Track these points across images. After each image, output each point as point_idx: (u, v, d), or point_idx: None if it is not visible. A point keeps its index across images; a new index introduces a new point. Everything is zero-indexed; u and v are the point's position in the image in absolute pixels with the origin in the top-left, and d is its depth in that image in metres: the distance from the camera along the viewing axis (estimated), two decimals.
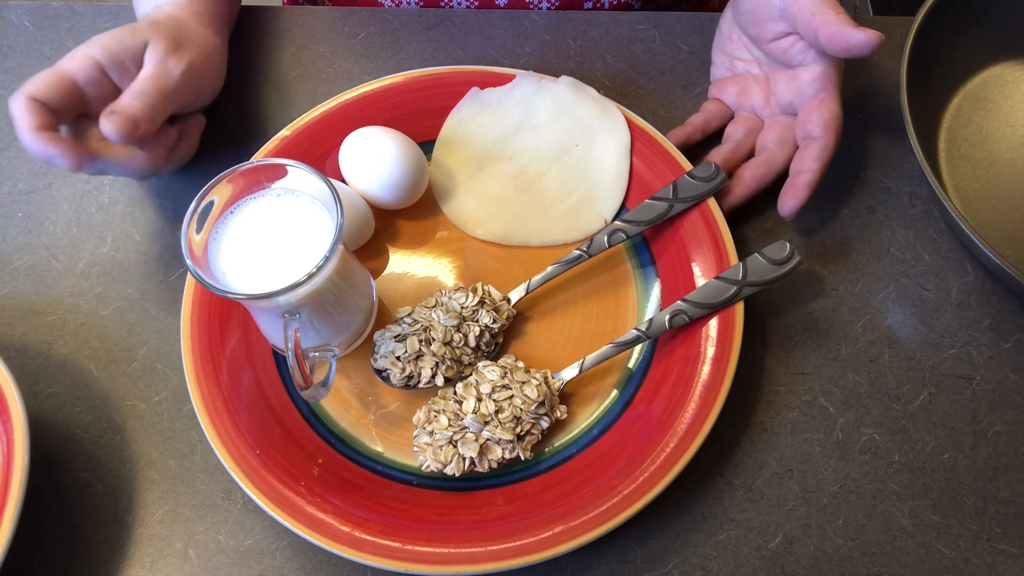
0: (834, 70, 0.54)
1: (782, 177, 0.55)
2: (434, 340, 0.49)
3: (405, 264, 0.56)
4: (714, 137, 0.59)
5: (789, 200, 0.53)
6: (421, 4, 0.68)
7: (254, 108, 0.61)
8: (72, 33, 0.65)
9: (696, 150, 0.59)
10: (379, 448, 0.50)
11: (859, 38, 0.49)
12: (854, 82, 0.62)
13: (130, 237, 0.57)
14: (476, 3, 0.67)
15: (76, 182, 0.59)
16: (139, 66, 0.52)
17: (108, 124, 0.48)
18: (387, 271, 0.56)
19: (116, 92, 0.51)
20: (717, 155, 0.56)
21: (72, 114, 0.50)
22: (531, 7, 0.67)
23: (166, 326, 0.54)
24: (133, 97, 0.49)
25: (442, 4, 0.67)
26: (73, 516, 0.49)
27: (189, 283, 0.52)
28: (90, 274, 0.56)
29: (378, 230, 0.56)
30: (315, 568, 0.47)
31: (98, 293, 0.55)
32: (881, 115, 0.61)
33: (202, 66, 0.54)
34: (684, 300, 0.50)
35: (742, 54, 0.58)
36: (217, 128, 0.61)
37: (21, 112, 0.48)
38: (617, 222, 0.54)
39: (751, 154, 0.57)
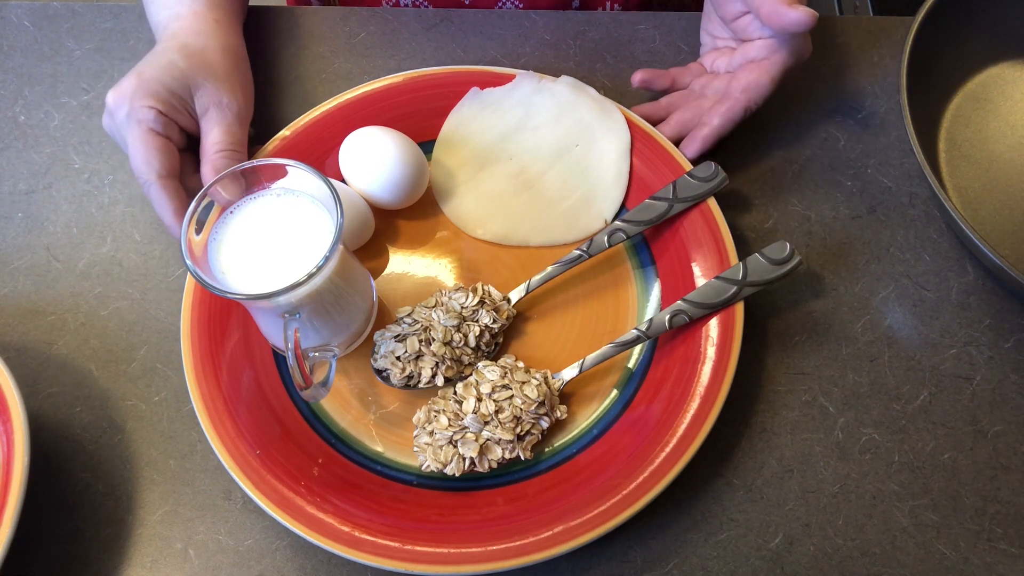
0: (784, 44, 0.55)
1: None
2: (434, 340, 0.49)
3: (405, 264, 0.56)
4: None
5: (686, 148, 0.56)
6: (430, 5, 0.68)
7: (254, 108, 0.61)
8: (72, 33, 0.65)
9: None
10: (379, 448, 0.50)
11: (792, 17, 0.51)
12: (854, 82, 0.62)
13: (130, 237, 0.57)
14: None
15: (76, 182, 0.59)
16: (190, 108, 0.53)
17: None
18: (387, 271, 0.56)
19: (183, 131, 0.53)
20: (666, 99, 0.60)
21: None
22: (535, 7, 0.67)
23: (166, 326, 0.54)
24: (225, 157, 0.52)
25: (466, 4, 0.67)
26: (73, 516, 0.49)
27: (189, 283, 0.52)
28: (90, 274, 0.56)
29: (378, 230, 0.56)
30: (315, 568, 0.47)
31: (98, 293, 0.55)
32: (881, 115, 0.61)
33: (246, 86, 0.56)
34: (684, 300, 0.50)
35: (720, 32, 0.60)
36: None
37: (164, 197, 0.50)
38: (617, 222, 0.54)
39: None
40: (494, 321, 0.51)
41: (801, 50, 0.55)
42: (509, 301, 0.52)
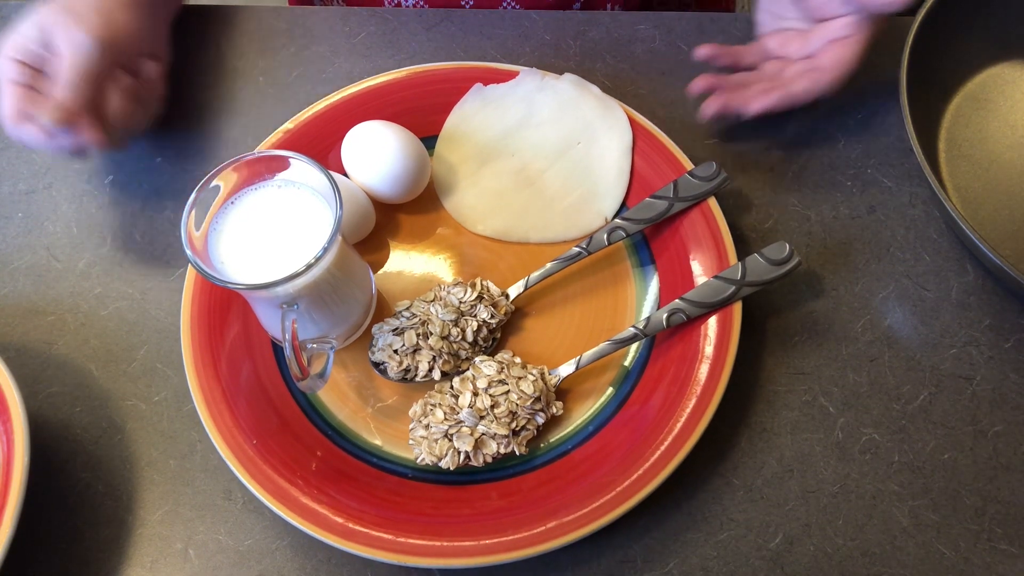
0: (867, 22, 0.54)
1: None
2: (432, 334, 0.50)
3: (405, 258, 0.56)
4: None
5: (757, 101, 0.54)
6: (426, 5, 0.68)
7: (254, 108, 0.61)
8: None
9: (700, 152, 0.59)
10: (378, 441, 0.50)
11: None
12: (854, 82, 0.62)
13: (130, 237, 0.57)
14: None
15: (76, 182, 0.59)
16: (53, 51, 0.52)
17: (44, 118, 0.50)
18: (387, 265, 0.56)
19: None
20: (739, 76, 0.58)
21: None
22: (532, 7, 0.67)
23: (166, 326, 0.54)
24: (60, 88, 0.51)
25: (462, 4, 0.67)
26: (73, 516, 0.49)
27: (189, 274, 0.52)
28: (90, 274, 0.56)
29: (379, 224, 0.56)
30: (315, 568, 0.47)
31: (98, 293, 0.55)
32: (881, 115, 0.61)
33: (111, 35, 0.53)
34: (682, 299, 0.50)
35: (786, 12, 0.58)
36: (216, 128, 0.61)
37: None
38: (617, 220, 0.54)
39: None
40: (492, 316, 0.51)
41: (881, 22, 0.54)
42: (507, 297, 0.52)
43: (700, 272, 0.53)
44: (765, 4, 0.60)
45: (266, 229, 0.46)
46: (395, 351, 0.50)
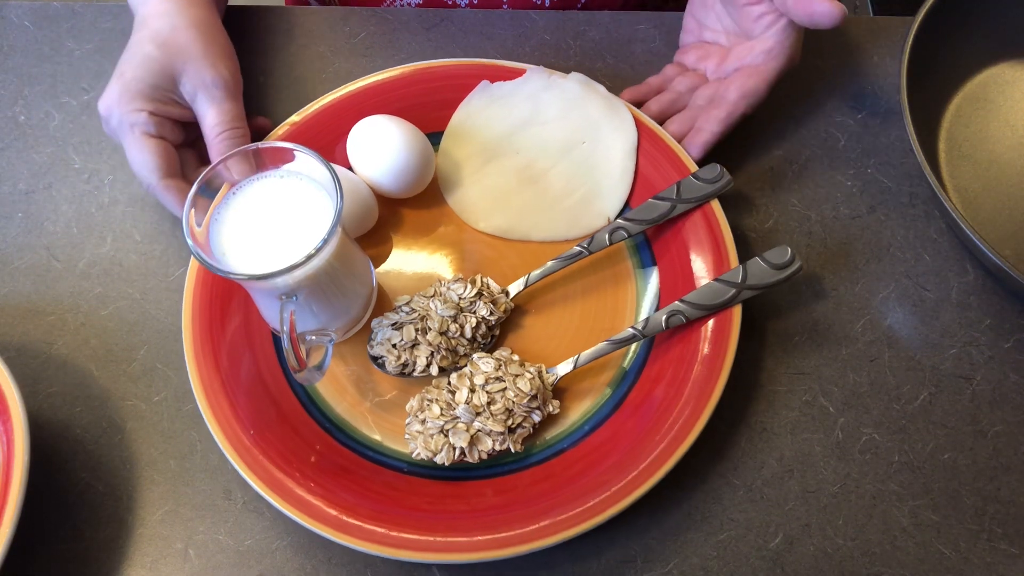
0: (785, 50, 0.54)
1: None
2: (430, 329, 0.50)
3: (407, 253, 0.56)
4: None
5: (688, 151, 0.56)
6: (420, 4, 0.68)
7: (253, 108, 0.61)
8: (72, 33, 0.65)
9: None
10: (376, 436, 0.50)
11: (823, 8, 0.50)
12: (854, 82, 0.62)
13: (130, 237, 0.57)
14: (477, 2, 0.67)
15: (76, 182, 0.59)
16: (178, 98, 0.53)
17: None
18: (389, 259, 0.56)
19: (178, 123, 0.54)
20: (656, 103, 0.58)
21: None
22: (535, 5, 0.67)
23: (166, 326, 0.54)
24: (226, 137, 0.52)
25: (448, 3, 0.67)
26: (73, 516, 0.49)
27: (192, 265, 0.52)
28: (90, 274, 0.56)
29: (382, 218, 0.56)
30: (315, 568, 0.47)
31: (98, 293, 0.55)
32: (881, 115, 0.61)
33: (226, 58, 0.54)
34: (682, 301, 0.50)
35: (712, 23, 0.59)
36: None
37: (171, 197, 0.51)
38: (619, 220, 0.54)
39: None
40: (491, 313, 0.51)
41: (796, 55, 0.55)
42: (507, 294, 0.52)
43: (701, 274, 0.53)
44: (692, 9, 0.60)
45: (267, 220, 0.46)
46: (394, 345, 0.50)
